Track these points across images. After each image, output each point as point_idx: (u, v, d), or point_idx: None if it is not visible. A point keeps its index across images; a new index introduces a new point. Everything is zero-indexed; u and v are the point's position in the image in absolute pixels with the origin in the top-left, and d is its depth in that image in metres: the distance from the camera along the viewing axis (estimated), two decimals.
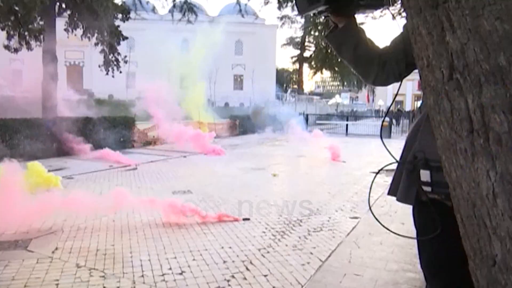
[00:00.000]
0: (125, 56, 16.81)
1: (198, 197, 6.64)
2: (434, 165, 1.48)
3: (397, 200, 1.74)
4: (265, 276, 3.64)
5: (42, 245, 4.33)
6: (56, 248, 4.24)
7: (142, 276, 3.61)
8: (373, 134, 19.38)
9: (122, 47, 17.18)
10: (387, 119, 20.66)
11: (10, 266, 3.74)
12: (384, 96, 56.66)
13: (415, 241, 1.79)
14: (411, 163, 1.61)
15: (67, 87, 33.61)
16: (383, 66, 1.70)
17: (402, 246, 4.39)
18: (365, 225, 5.14)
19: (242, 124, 19.88)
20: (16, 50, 13.95)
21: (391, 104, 2.61)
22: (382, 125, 1.64)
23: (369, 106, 57.45)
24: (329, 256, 4.17)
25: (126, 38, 16.80)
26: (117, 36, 16.19)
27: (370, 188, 2.02)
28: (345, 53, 1.75)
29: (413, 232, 1.73)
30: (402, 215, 5.51)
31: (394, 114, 26.60)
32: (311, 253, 4.24)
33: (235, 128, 19.32)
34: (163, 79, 18.55)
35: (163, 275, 3.64)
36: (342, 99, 60.17)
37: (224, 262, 3.96)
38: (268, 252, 4.25)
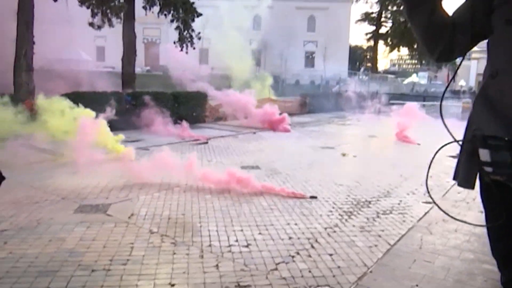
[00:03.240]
0: (199, 33, 17.17)
1: (266, 173, 6.69)
2: (493, 143, 1.33)
3: (458, 185, 1.60)
4: (331, 255, 3.60)
5: (120, 210, 4.63)
6: (132, 214, 4.51)
7: (210, 245, 3.73)
8: (452, 117, 18.24)
9: (197, 24, 17.55)
10: (469, 100, 19.31)
11: (91, 228, 4.05)
12: (466, 75, 52.83)
13: None
14: (470, 143, 1.46)
15: (144, 63, 35.32)
16: (453, 37, 1.54)
17: (479, 235, 4.11)
18: (439, 211, 4.86)
19: (312, 102, 19.58)
20: (99, 27, 14.79)
21: (448, 84, 2.44)
22: (441, 103, 1.53)
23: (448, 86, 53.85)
24: (398, 240, 4.02)
25: (201, 14, 17.13)
26: (191, 13, 16.55)
27: (428, 171, 1.85)
28: (419, 17, 1.56)
29: None
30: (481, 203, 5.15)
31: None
32: (379, 236, 4.11)
33: (305, 106, 19.09)
34: (234, 55, 18.79)
35: (229, 246, 3.73)
36: (419, 79, 56.97)
37: (290, 238, 3.96)
38: (334, 231, 4.19)
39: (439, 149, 1.61)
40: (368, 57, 55.27)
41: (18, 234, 3.82)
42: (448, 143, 1.55)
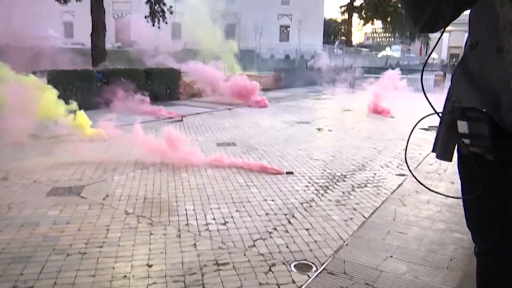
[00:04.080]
0: (171, 7, 16.72)
1: (242, 149, 6.68)
2: (472, 115, 1.34)
3: (436, 157, 1.61)
4: (307, 230, 3.65)
5: (94, 192, 4.54)
6: (107, 195, 4.44)
7: (187, 225, 3.72)
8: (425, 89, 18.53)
9: None
10: (440, 72, 19.62)
11: (65, 211, 3.97)
12: (438, 49, 53.50)
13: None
14: (450, 114, 1.46)
15: (115, 39, 34.29)
16: (438, 7, 1.50)
17: (450, 205, 4.24)
18: (412, 183, 4.98)
19: (288, 77, 19.50)
20: (65, 2, 14.20)
21: (427, 59, 2.39)
22: (422, 75, 1.53)
23: (421, 59, 54.56)
24: (373, 212, 4.11)
25: None
26: None
27: (407, 144, 1.86)
28: None
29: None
30: (452, 174, 5.30)
31: (449, 67, 25.14)
32: (355, 209, 4.18)
33: (280, 81, 19.02)
34: (207, 30, 18.38)
35: (207, 224, 3.73)
36: (393, 52, 57.42)
37: (267, 214, 3.99)
38: (310, 206, 4.24)
39: (420, 121, 1.60)
40: (342, 30, 55.19)
41: None
42: (428, 115, 1.54)
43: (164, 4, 16.44)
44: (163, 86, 12.82)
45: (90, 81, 10.70)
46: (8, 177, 4.95)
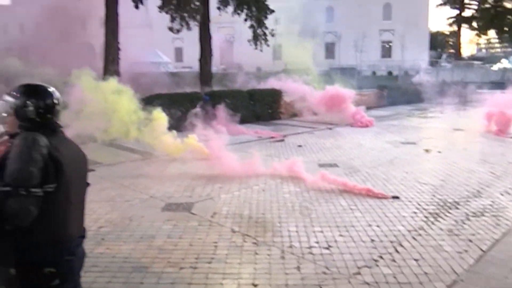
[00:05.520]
0: (272, 30, 17.23)
1: (344, 171, 6.57)
2: None
3: None
4: (416, 260, 3.45)
5: (203, 209, 4.81)
6: (215, 213, 4.67)
7: (290, 246, 3.75)
8: None
9: (269, 20, 17.63)
10: None
11: (177, 226, 4.26)
12: None
13: None
14: None
15: (220, 62, 36.35)
16: None
17: None
18: None
19: (391, 94, 18.73)
20: (178, 31, 15.47)
21: None
22: None
23: None
24: (492, 246, 3.74)
25: (273, 11, 17.18)
26: (264, 10, 16.66)
27: None
28: None
29: None
30: None
31: None
32: (470, 241, 3.85)
33: (383, 98, 18.36)
34: (307, 49, 18.56)
35: (310, 247, 3.73)
36: (510, 64, 52.19)
37: (372, 241, 3.86)
38: (419, 234, 4.00)
39: None
40: (450, 43, 51.85)
41: (114, 231, 4.14)
42: None
43: (266, 28, 16.99)
44: (265, 106, 13.19)
45: (198, 103, 11.41)
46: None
